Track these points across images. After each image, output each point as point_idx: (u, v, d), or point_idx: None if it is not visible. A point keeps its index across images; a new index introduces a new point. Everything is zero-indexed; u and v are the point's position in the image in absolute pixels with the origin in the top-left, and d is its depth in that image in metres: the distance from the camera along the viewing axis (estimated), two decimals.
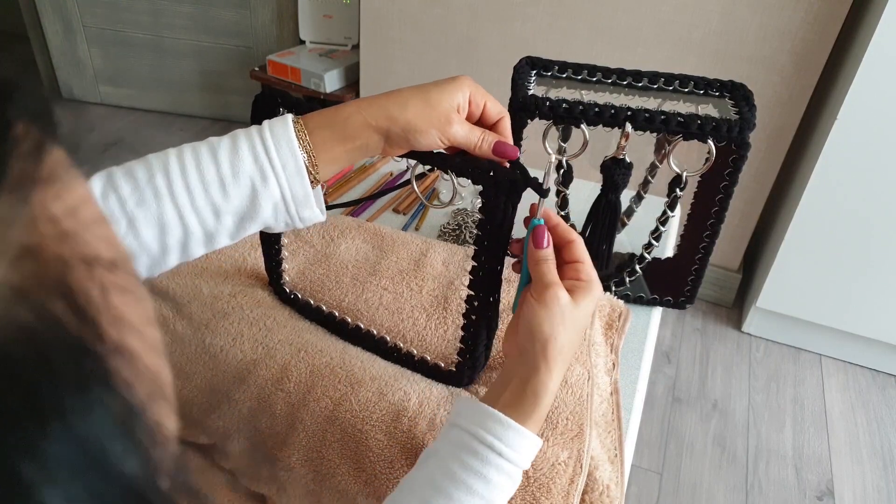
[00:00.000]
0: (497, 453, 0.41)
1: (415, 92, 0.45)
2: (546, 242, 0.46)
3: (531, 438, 0.43)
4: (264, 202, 0.42)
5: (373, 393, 0.55)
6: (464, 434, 0.42)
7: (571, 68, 0.75)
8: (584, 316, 0.45)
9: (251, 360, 0.58)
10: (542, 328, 0.43)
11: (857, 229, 1.38)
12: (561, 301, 0.44)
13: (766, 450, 1.38)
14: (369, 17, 1.69)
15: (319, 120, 0.44)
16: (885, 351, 1.55)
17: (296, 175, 0.42)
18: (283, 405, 0.55)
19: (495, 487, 0.41)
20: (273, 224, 0.45)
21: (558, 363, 0.44)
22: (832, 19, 1.32)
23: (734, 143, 0.66)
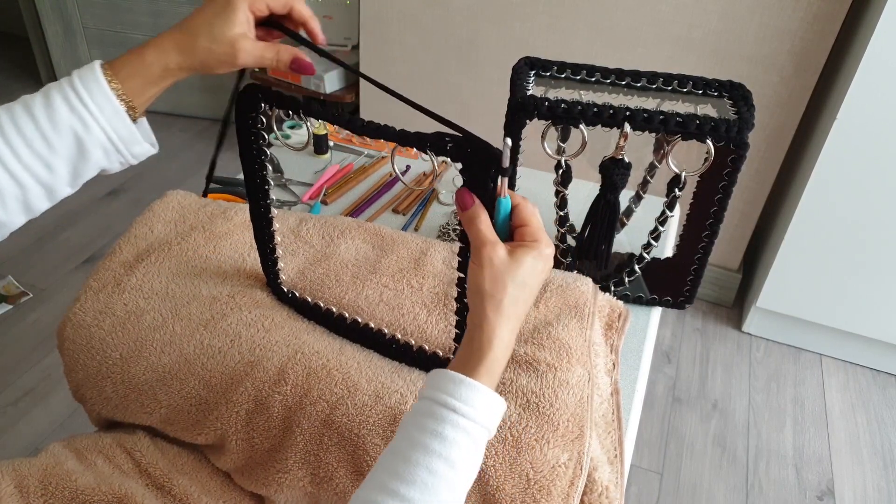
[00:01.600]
0: (451, 409, 0.41)
1: (202, 28, 0.47)
2: (471, 202, 0.45)
3: (484, 391, 0.43)
4: (91, 147, 0.46)
5: (369, 396, 0.55)
6: (423, 401, 0.43)
7: (570, 68, 0.75)
8: (528, 272, 0.44)
9: (248, 361, 0.58)
10: (480, 287, 0.44)
11: (857, 229, 1.38)
12: (494, 260, 0.44)
13: (767, 450, 1.38)
14: (369, 17, 1.69)
15: (129, 70, 0.47)
16: (885, 350, 1.55)
17: (115, 117, 0.46)
18: (280, 408, 0.55)
19: (452, 444, 0.40)
20: (108, 165, 0.48)
21: (501, 319, 0.44)
22: (831, 19, 1.32)
23: (733, 143, 0.66)
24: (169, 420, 0.60)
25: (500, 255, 0.44)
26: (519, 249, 0.45)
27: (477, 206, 0.45)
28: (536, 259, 0.45)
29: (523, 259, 0.44)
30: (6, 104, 0.45)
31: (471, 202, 0.45)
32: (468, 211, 0.45)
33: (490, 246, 0.44)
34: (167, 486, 0.56)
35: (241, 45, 0.48)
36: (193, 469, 0.60)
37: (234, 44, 0.47)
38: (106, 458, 0.58)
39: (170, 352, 0.59)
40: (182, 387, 0.58)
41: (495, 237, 0.45)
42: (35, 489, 0.53)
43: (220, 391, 0.57)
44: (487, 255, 0.44)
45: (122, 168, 0.50)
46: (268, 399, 0.56)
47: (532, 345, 0.60)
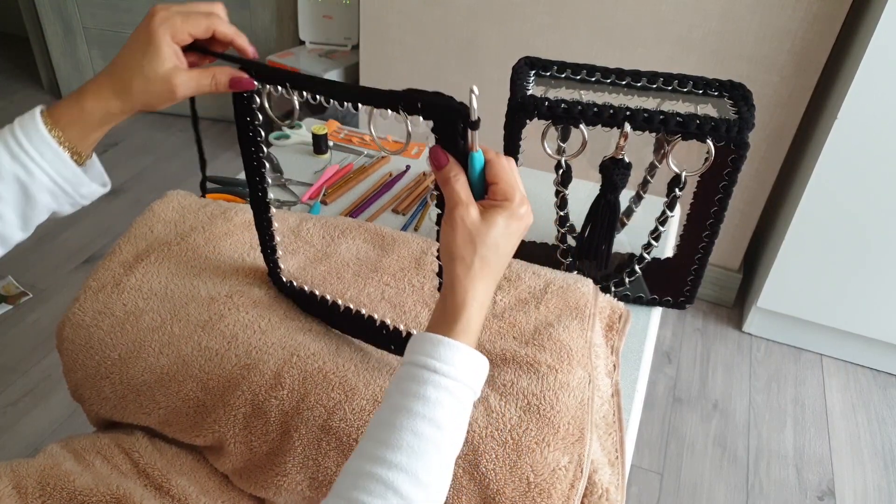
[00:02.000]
0: (431, 370, 0.41)
1: (133, 71, 0.47)
2: (443, 162, 0.44)
3: (462, 349, 0.42)
4: (37, 192, 0.47)
5: (367, 401, 0.55)
6: (404, 366, 0.42)
7: (570, 68, 0.75)
8: (500, 234, 0.43)
9: (245, 364, 0.57)
10: (451, 248, 0.43)
11: (858, 229, 1.38)
12: (466, 220, 0.43)
13: (767, 450, 1.38)
14: (369, 17, 1.69)
15: (69, 117, 0.47)
16: (885, 350, 1.55)
17: (57, 161, 0.47)
18: (277, 413, 0.55)
19: (436, 404, 0.40)
20: (58, 208, 0.49)
21: (472, 280, 0.43)
22: (832, 19, 1.32)
23: (733, 142, 0.66)
24: (167, 421, 0.59)
25: (472, 216, 0.43)
26: (491, 210, 0.44)
27: (452, 165, 0.44)
28: (509, 219, 0.44)
29: (495, 220, 0.43)
30: None
31: (445, 161, 0.44)
32: (443, 170, 0.44)
33: (462, 207, 0.43)
34: (165, 486, 0.56)
35: (176, 81, 0.48)
36: (192, 469, 0.60)
37: (169, 80, 0.48)
38: (104, 458, 0.58)
39: (168, 353, 0.59)
40: (180, 389, 0.58)
41: (469, 197, 0.44)
42: (33, 490, 0.53)
43: (217, 394, 0.57)
44: (459, 215, 0.43)
45: (74, 210, 0.51)
46: (265, 404, 0.55)
47: (533, 346, 0.60)
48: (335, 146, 1.08)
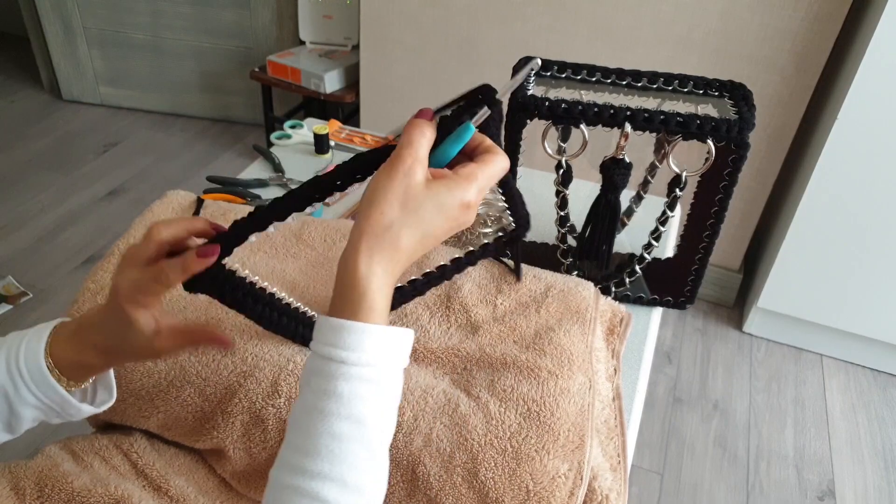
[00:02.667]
0: (339, 361, 0.35)
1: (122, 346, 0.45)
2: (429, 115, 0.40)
3: (373, 332, 0.36)
4: (24, 410, 0.45)
5: None
6: (311, 359, 0.37)
7: (571, 68, 0.75)
8: (433, 208, 0.37)
9: (241, 371, 0.57)
10: (375, 194, 0.37)
11: (858, 229, 1.38)
12: (410, 177, 0.37)
13: (767, 450, 1.38)
14: (369, 17, 1.69)
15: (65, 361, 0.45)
16: (886, 351, 1.55)
17: (50, 391, 0.44)
18: (275, 421, 0.55)
19: (351, 399, 0.35)
20: (47, 419, 0.47)
21: (381, 242, 0.37)
22: (832, 19, 1.31)
23: (733, 142, 0.66)
24: (167, 426, 0.59)
25: (417, 175, 0.37)
26: (440, 180, 0.38)
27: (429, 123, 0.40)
28: (452, 200, 0.38)
29: (438, 191, 0.38)
30: None
31: (428, 115, 0.40)
32: (419, 118, 0.39)
33: (412, 159, 0.37)
34: (164, 486, 0.56)
35: (158, 347, 0.45)
36: (190, 470, 0.60)
37: (152, 346, 0.45)
38: (102, 459, 0.58)
39: (165, 358, 0.59)
40: (178, 395, 0.58)
41: (426, 157, 0.38)
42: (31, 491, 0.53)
43: (215, 401, 0.57)
44: (404, 166, 0.37)
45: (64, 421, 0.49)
46: (262, 412, 0.55)
47: (533, 351, 0.60)
48: (337, 146, 1.08)
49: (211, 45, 2.26)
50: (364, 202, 0.38)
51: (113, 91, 2.45)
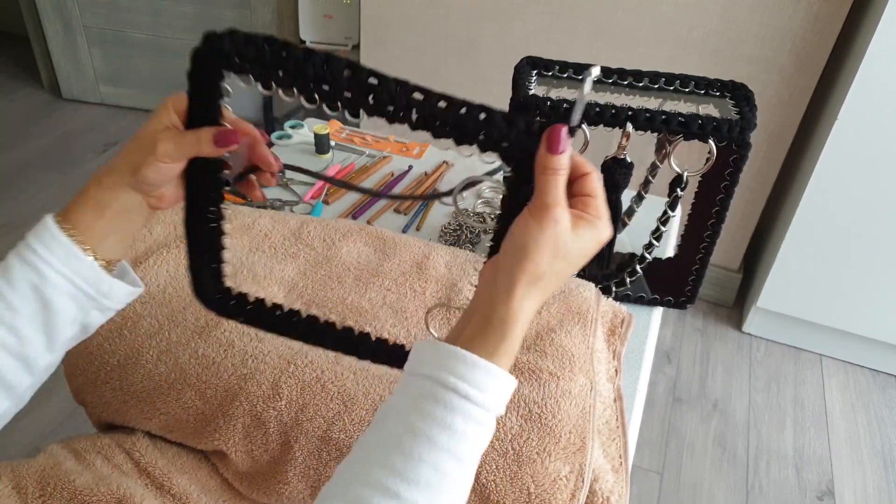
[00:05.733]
0: (462, 396, 0.35)
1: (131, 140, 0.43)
2: (562, 147, 0.38)
3: (501, 377, 0.37)
4: (54, 297, 0.41)
5: (367, 411, 0.54)
6: (423, 381, 0.36)
7: (572, 68, 0.75)
8: (580, 251, 0.39)
9: (241, 374, 0.57)
10: (527, 245, 0.38)
11: (858, 229, 1.38)
12: (559, 225, 0.38)
13: (767, 450, 1.38)
14: (370, 17, 1.69)
15: (76, 206, 0.43)
16: (885, 351, 1.55)
17: (72, 259, 0.41)
18: (276, 423, 0.55)
19: (463, 437, 0.35)
20: (85, 317, 0.43)
21: (534, 289, 0.38)
22: (833, 19, 1.31)
23: (735, 142, 0.66)
24: (169, 427, 0.59)
25: (565, 223, 0.38)
26: (582, 222, 0.39)
27: (566, 158, 0.39)
28: (592, 239, 0.39)
29: (583, 235, 0.39)
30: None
31: (562, 147, 0.38)
32: (554, 157, 0.38)
33: (560, 208, 0.38)
34: (167, 485, 0.56)
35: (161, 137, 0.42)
36: (193, 468, 0.60)
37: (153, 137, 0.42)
38: (105, 458, 0.58)
39: (166, 360, 0.59)
40: (179, 397, 0.57)
41: (564, 200, 0.39)
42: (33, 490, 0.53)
43: (216, 404, 0.57)
44: (554, 216, 0.38)
45: (105, 317, 0.45)
46: (263, 414, 0.55)
47: (534, 353, 0.60)
48: (337, 146, 1.08)
49: None
50: (516, 250, 0.39)
51: (113, 90, 2.44)
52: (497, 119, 0.39)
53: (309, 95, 0.39)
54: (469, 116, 0.38)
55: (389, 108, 0.38)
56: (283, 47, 0.38)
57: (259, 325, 0.51)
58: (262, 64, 0.39)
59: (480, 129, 0.39)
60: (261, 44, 0.39)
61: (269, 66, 0.39)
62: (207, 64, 0.40)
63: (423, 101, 0.38)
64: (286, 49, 0.38)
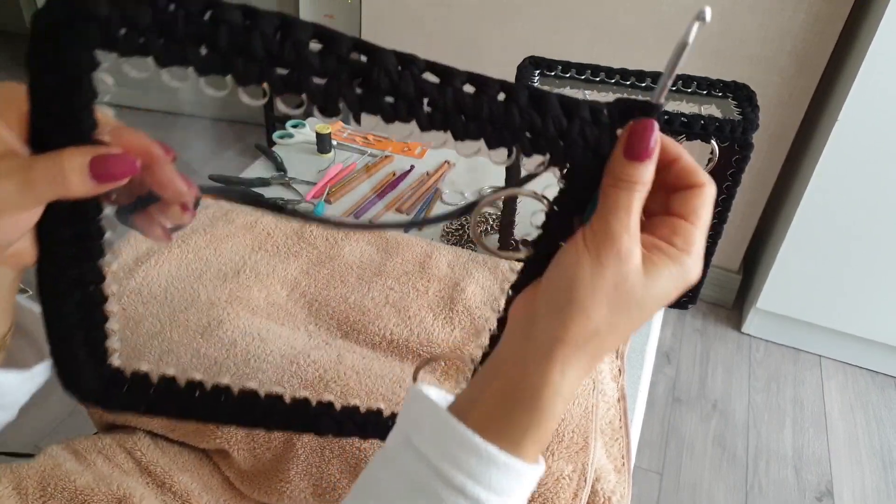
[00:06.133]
0: (473, 500, 0.26)
1: None
2: (649, 152, 0.27)
3: (528, 475, 0.27)
4: None
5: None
6: (419, 464, 0.27)
7: (574, 68, 0.74)
8: (654, 300, 0.27)
9: (244, 373, 0.57)
10: (577, 290, 0.26)
11: (858, 230, 1.38)
12: (626, 263, 0.26)
13: (766, 450, 1.38)
14: (371, 16, 1.69)
15: None
16: (884, 352, 1.55)
17: None
18: None
19: None
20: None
21: (582, 353, 0.27)
22: (833, 20, 1.32)
23: (737, 143, 0.66)
24: (171, 427, 0.59)
25: (635, 261, 0.27)
26: (662, 258, 0.27)
27: (650, 168, 0.27)
28: (675, 282, 0.27)
29: (660, 275, 0.27)
30: None
31: (649, 152, 0.27)
32: (635, 167, 0.27)
33: (625, 242, 0.26)
34: (168, 483, 0.56)
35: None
36: (195, 467, 0.60)
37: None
38: (106, 458, 0.58)
39: (168, 360, 0.59)
40: None
41: (636, 229, 0.27)
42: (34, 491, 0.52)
43: None
44: (622, 251, 0.26)
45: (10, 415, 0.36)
46: None
47: None
48: (339, 145, 1.08)
49: None
50: (562, 294, 0.27)
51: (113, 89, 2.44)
52: (552, 105, 0.26)
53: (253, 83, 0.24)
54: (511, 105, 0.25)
55: (388, 101, 0.25)
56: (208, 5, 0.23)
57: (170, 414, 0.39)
58: (173, 36, 0.23)
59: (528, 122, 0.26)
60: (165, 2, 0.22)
61: (183, 41, 0.23)
62: (66, 39, 0.24)
63: (441, 86, 0.26)
64: (214, 8, 0.23)
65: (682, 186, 0.29)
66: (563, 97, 0.27)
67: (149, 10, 0.23)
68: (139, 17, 0.23)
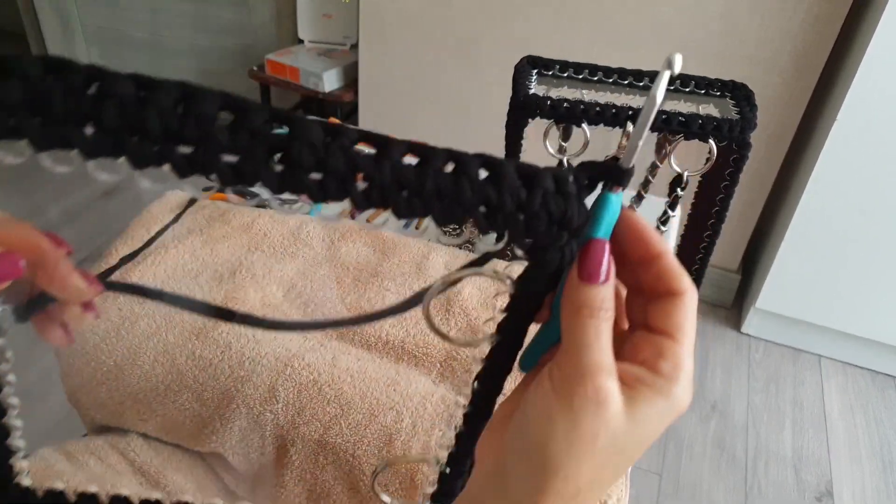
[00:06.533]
0: None
1: None
2: (604, 275, 0.24)
3: None
4: None
5: (363, 415, 0.54)
6: None
7: (572, 67, 0.74)
8: (641, 439, 0.23)
9: (238, 376, 0.57)
10: (551, 450, 0.23)
11: (857, 230, 1.38)
12: (605, 408, 0.22)
13: (766, 451, 1.38)
14: (369, 16, 1.68)
15: None
16: (884, 352, 1.55)
17: None
18: (272, 426, 0.55)
19: None
20: None
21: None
22: (832, 20, 1.31)
23: (735, 142, 0.66)
24: (165, 429, 0.59)
25: (615, 404, 0.22)
26: (645, 392, 0.23)
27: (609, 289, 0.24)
28: (663, 415, 0.23)
29: (647, 412, 0.23)
30: None
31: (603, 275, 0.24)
32: (590, 290, 0.23)
33: (607, 377, 0.23)
34: (162, 482, 0.56)
35: None
36: (188, 467, 0.59)
37: None
38: (98, 458, 0.58)
39: (163, 362, 0.58)
40: (176, 399, 0.57)
41: (608, 360, 0.23)
42: None
43: (212, 406, 0.56)
44: (599, 393, 0.22)
45: None
46: (260, 417, 0.55)
47: None
48: None
49: (209, 43, 2.25)
50: (533, 452, 0.23)
51: None
52: (509, 175, 0.23)
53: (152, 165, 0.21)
54: (461, 177, 0.22)
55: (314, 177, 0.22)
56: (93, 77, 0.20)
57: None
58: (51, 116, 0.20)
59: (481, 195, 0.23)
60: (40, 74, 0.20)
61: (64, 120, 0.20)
62: None
63: (377, 158, 0.22)
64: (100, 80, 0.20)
65: (661, 291, 0.25)
66: (521, 166, 0.23)
67: (19, 84, 0.19)
68: (8, 94, 0.19)
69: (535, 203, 0.23)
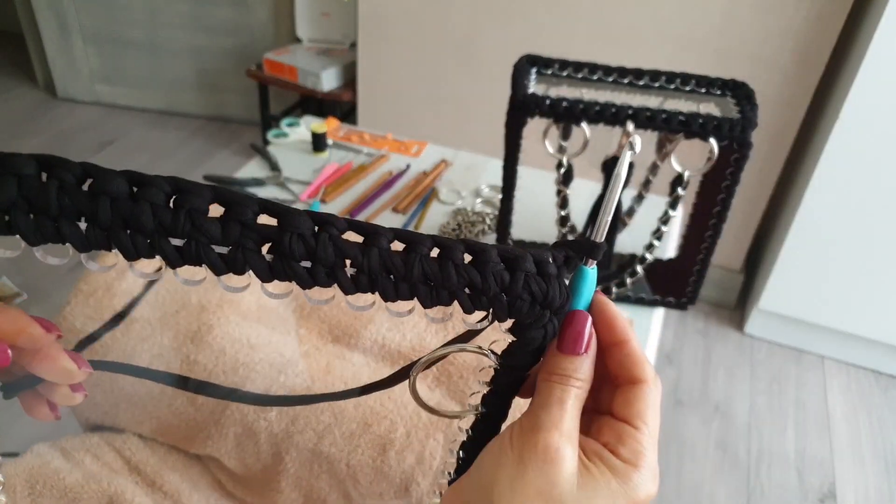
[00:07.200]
0: None
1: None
2: (584, 347, 0.25)
3: None
4: None
5: (357, 424, 0.53)
6: None
7: (572, 66, 0.73)
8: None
9: (233, 382, 0.56)
10: (493, 492, 0.23)
11: (860, 230, 1.37)
12: (554, 468, 0.23)
13: (768, 452, 1.37)
14: (367, 15, 1.68)
15: None
16: (887, 352, 1.54)
17: None
18: (266, 434, 0.54)
19: None
20: None
21: None
22: (834, 18, 1.30)
23: (736, 141, 0.65)
24: (161, 431, 0.58)
25: (567, 467, 0.23)
26: (602, 470, 0.24)
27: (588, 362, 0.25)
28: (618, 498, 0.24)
29: (598, 491, 0.23)
30: None
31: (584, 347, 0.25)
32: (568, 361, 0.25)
33: (562, 437, 0.23)
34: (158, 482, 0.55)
35: None
36: (184, 466, 0.59)
37: None
38: (94, 456, 0.57)
39: (157, 365, 0.58)
40: (171, 403, 0.57)
41: (570, 428, 0.24)
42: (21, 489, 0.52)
43: (207, 411, 0.56)
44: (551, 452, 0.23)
45: None
46: (254, 425, 0.54)
47: None
48: (334, 144, 1.07)
49: (207, 42, 2.25)
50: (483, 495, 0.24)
51: (108, 89, 2.43)
52: (492, 259, 0.24)
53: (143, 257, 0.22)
54: (446, 262, 0.23)
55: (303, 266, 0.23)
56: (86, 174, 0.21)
57: None
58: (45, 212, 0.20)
59: (465, 280, 0.23)
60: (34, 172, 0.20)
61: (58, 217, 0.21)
62: None
63: (365, 246, 0.23)
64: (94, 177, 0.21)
65: (624, 379, 0.26)
66: (503, 250, 0.24)
67: (14, 181, 0.20)
68: (3, 192, 0.20)
69: (517, 286, 0.24)
